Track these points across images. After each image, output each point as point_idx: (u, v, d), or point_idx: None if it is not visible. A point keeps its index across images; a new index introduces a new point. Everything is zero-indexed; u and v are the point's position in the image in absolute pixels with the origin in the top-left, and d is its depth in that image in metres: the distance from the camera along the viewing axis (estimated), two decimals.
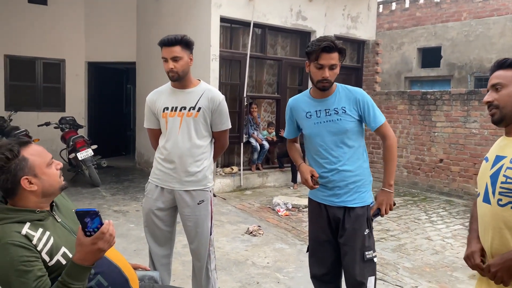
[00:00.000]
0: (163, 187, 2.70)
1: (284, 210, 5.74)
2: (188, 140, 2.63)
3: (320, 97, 2.45)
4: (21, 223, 1.57)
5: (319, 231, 2.56)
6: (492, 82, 1.67)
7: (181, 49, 2.55)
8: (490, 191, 1.62)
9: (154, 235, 2.77)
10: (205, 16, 6.55)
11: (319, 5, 7.58)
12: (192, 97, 2.64)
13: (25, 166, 1.59)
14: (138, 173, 8.51)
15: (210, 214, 2.76)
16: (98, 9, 9.20)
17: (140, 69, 8.96)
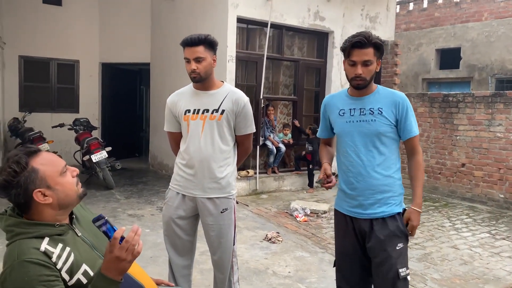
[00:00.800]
0: (185, 194, 2.56)
1: (302, 216, 5.57)
2: (211, 145, 2.49)
3: (357, 96, 2.30)
4: (39, 238, 1.44)
5: (346, 245, 2.38)
6: None
7: (204, 49, 2.41)
8: None
9: (174, 245, 2.63)
10: (222, 16, 6.42)
11: (337, 5, 7.41)
12: (215, 99, 2.50)
13: (35, 178, 1.45)
14: (152, 175, 8.42)
15: (234, 223, 2.62)
16: (112, 9, 9.13)
17: (155, 70, 8.87)
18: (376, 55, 2.18)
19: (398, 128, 2.27)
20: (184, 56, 2.43)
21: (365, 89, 2.26)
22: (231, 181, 2.57)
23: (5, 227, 1.47)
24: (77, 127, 7.46)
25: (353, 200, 2.30)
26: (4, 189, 1.43)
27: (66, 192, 1.52)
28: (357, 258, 2.37)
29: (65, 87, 9.23)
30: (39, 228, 1.46)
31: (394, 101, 2.24)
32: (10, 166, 1.43)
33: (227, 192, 2.56)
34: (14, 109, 8.54)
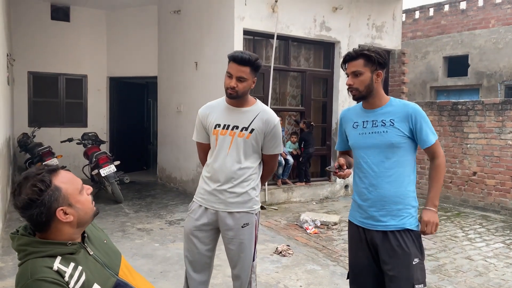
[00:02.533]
0: (207, 207, 2.56)
1: (312, 228, 5.51)
2: (237, 162, 2.50)
3: (369, 108, 2.32)
4: (51, 257, 1.43)
5: (359, 256, 2.36)
6: None
7: (250, 71, 2.43)
8: None
9: (193, 259, 2.62)
10: (228, 29, 6.45)
11: (343, 15, 7.42)
12: (246, 117, 2.51)
13: (59, 196, 1.46)
14: (160, 188, 8.40)
15: (255, 239, 2.59)
16: (119, 24, 9.23)
17: (162, 83, 8.92)
18: (367, 65, 2.22)
19: (415, 139, 2.27)
20: (228, 70, 2.43)
21: (374, 102, 2.29)
22: (253, 196, 2.56)
23: (17, 246, 1.46)
24: (85, 142, 7.50)
25: (366, 211, 2.30)
26: (27, 208, 1.43)
27: (85, 210, 1.53)
28: (371, 270, 2.33)
29: (74, 101, 9.31)
30: (51, 247, 1.45)
31: (406, 113, 2.25)
32: (35, 184, 1.43)
33: (249, 207, 2.54)
34: (24, 124, 8.61)
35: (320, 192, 7.43)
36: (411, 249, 2.21)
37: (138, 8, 8.98)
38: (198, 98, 7.27)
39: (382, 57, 2.24)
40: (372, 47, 2.27)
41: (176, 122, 8.23)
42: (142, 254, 4.52)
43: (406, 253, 2.20)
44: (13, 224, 5.43)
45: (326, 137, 7.74)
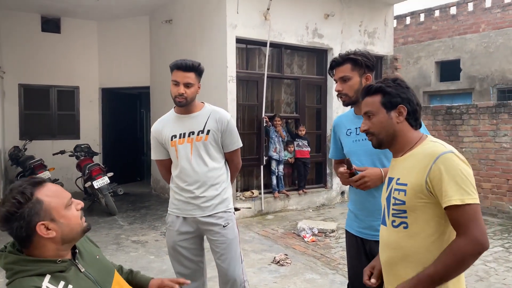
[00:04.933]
0: (185, 216, 2.55)
1: (310, 236, 5.44)
2: (203, 165, 2.51)
3: (360, 113, 2.23)
4: (40, 275, 1.36)
5: (359, 266, 2.26)
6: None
7: (195, 76, 2.48)
8: (386, 213, 1.68)
9: (184, 269, 2.60)
10: (221, 37, 6.42)
11: (335, 22, 7.43)
12: (199, 121, 2.53)
13: (40, 210, 1.38)
14: (155, 199, 8.30)
15: (238, 237, 2.62)
16: (110, 35, 9.18)
17: (154, 93, 8.86)
18: (355, 69, 2.18)
19: None
20: (173, 78, 2.46)
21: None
22: (227, 196, 2.60)
23: (4, 265, 1.39)
24: (78, 154, 7.40)
25: (363, 221, 2.24)
26: (6, 222, 1.36)
27: (71, 226, 1.45)
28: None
29: (66, 113, 9.21)
30: (40, 265, 1.38)
31: None
32: (14, 197, 1.36)
33: (225, 207, 2.58)
34: (15, 137, 8.49)
35: (317, 199, 7.37)
36: None
37: (130, 19, 8.94)
38: None
39: (370, 59, 2.20)
40: (359, 50, 2.24)
41: None
42: (138, 267, 4.42)
43: None
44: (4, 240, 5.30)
45: (321, 143, 7.70)
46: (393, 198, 1.62)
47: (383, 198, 1.73)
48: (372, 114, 1.69)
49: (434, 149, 1.55)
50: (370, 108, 1.69)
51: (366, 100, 1.72)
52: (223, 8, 6.37)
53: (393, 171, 1.69)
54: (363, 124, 1.73)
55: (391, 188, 1.65)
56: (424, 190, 1.52)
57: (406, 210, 1.57)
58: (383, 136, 1.68)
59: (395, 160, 1.71)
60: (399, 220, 1.60)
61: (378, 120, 1.67)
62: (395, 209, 1.61)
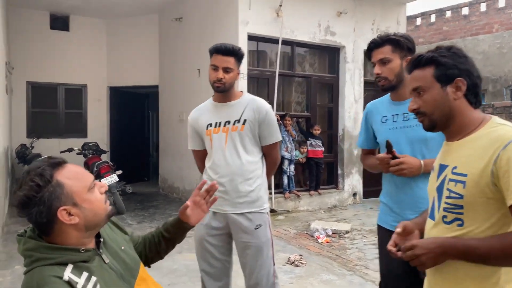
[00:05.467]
0: (215, 211, 2.39)
1: (324, 237, 5.30)
2: (237, 157, 2.36)
3: (398, 100, 2.11)
4: (61, 265, 1.23)
5: (393, 264, 2.10)
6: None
7: (235, 61, 2.35)
8: (436, 206, 1.44)
9: (210, 268, 2.44)
10: (232, 34, 6.31)
11: (347, 19, 7.31)
12: (236, 110, 2.40)
13: (61, 194, 1.25)
14: (163, 198, 8.18)
15: (271, 241, 2.42)
16: (119, 33, 9.10)
17: (163, 92, 8.76)
18: (395, 51, 2.03)
19: None
20: (212, 63, 2.34)
21: (404, 92, 2.06)
22: (261, 195, 2.41)
23: (23, 251, 1.27)
24: (86, 152, 7.30)
25: (399, 215, 2.07)
26: (24, 207, 1.23)
27: (94, 211, 1.31)
28: (406, 279, 2.09)
29: (73, 112, 9.12)
30: (62, 253, 1.25)
31: None
32: (32, 179, 1.22)
33: (259, 206, 2.39)
34: (22, 135, 8.40)
35: (328, 200, 7.23)
36: None
37: (139, 17, 8.86)
38: None
39: (411, 41, 2.07)
40: (398, 32, 2.10)
41: (178, 130, 8.04)
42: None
43: None
44: (11, 238, 5.20)
45: (333, 143, 7.56)
46: (447, 190, 1.37)
47: (431, 188, 1.50)
48: (423, 90, 1.42)
49: (502, 132, 1.30)
50: (420, 82, 1.42)
51: (415, 73, 1.44)
52: (235, 5, 6.27)
53: (447, 157, 1.44)
54: (412, 103, 1.48)
55: (445, 177, 1.41)
56: (489, 184, 1.27)
57: (463, 205, 1.33)
58: (437, 116, 1.42)
59: (449, 144, 1.46)
60: (453, 216, 1.36)
61: (431, 96, 1.41)
62: (448, 203, 1.36)
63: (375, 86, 7.79)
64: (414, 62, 1.47)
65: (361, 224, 6.09)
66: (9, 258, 4.48)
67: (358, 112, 7.54)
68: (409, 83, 1.48)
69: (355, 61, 7.46)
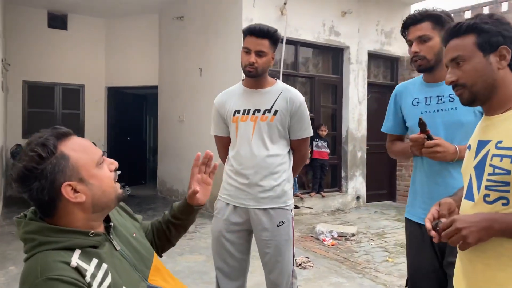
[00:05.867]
0: (236, 205, 2.22)
1: (330, 239, 5.12)
2: (264, 149, 2.18)
3: (433, 81, 1.94)
4: (68, 250, 1.05)
5: (423, 260, 1.97)
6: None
7: (269, 44, 2.17)
8: (474, 185, 1.31)
9: (226, 266, 2.26)
10: (236, 32, 6.17)
11: (351, 20, 7.20)
12: (268, 98, 2.21)
13: (66, 167, 1.08)
14: (161, 201, 7.99)
15: (292, 239, 2.25)
16: (118, 32, 8.95)
17: (163, 92, 8.60)
18: (435, 29, 1.87)
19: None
20: (245, 45, 2.17)
21: (440, 73, 1.90)
22: (286, 190, 2.24)
23: (23, 234, 1.09)
24: None
25: (430, 207, 1.91)
26: (24, 180, 1.06)
27: (103, 189, 1.15)
28: (436, 276, 1.95)
29: (70, 112, 8.92)
30: (69, 236, 1.08)
31: None
32: (33, 149, 1.06)
33: (283, 202, 2.22)
34: (17, 135, 8.19)
35: (331, 203, 7.06)
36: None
37: (138, 16, 8.72)
38: (203, 105, 6.95)
39: (452, 19, 1.92)
40: (436, 8, 1.94)
41: (178, 132, 7.88)
42: None
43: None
44: (5, 238, 4.99)
45: (336, 145, 7.41)
46: (490, 166, 1.25)
47: (468, 167, 1.38)
48: (463, 60, 1.30)
49: None
50: (460, 52, 1.30)
51: (454, 42, 1.33)
52: (239, 2, 6.14)
53: (489, 132, 1.31)
54: (449, 75, 1.34)
55: (486, 154, 1.28)
56: None
57: (510, 182, 1.21)
58: (478, 88, 1.29)
59: (490, 118, 1.34)
60: (497, 195, 1.23)
61: (473, 66, 1.29)
62: (492, 180, 1.24)
63: (378, 88, 7.70)
64: (452, 31, 1.35)
65: (366, 227, 5.93)
66: (2, 258, 4.28)
67: (361, 114, 7.40)
68: (446, 53, 1.36)
69: (359, 62, 7.34)
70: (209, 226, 5.85)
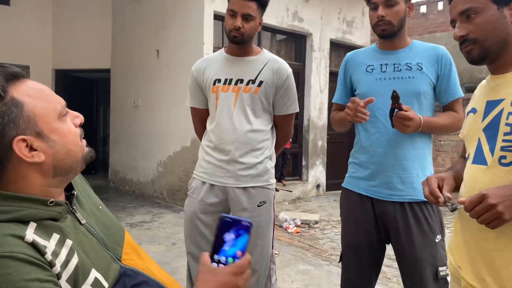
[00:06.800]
0: (213, 183, 2.01)
1: (293, 227, 5.01)
2: (247, 123, 1.98)
3: (388, 49, 1.86)
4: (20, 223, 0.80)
5: (360, 233, 1.87)
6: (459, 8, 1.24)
7: (257, 7, 1.94)
8: (486, 148, 1.21)
9: (199, 251, 2.03)
10: (196, 12, 5.88)
11: (315, 6, 7.09)
12: (252, 68, 2.00)
13: (18, 117, 0.83)
14: (114, 191, 7.55)
15: (273, 221, 2.06)
16: (67, 10, 8.33)
17: (116, 76, 8.11)
18: None
19: (437, 89, 1.83)
20: (230, 7, 1.93)
21: (398, 41, 1.84)
22: (269, 168, 2.05)
23: None
24: None
25: (377, 177, 1.81)
26: None
27: (68, 147, 0.90)
28: (373, 250, 1.88)
29: None
30: (21, 205, 0.82)
31: (435, 55, 1.83)
32: None
33: (265, 181, 2.02)
34: None
35: (293, 192, 6.96)
36: (434, 224, 1.78)
37: None
38: (160, 89, 6.61)
39: None
40: None
41: (132, 118, 7.46)
42: None
43: (430, 229, 1.76)
44: None
45: (298, 134, 7.31)
46: (506, 126, 1.16)
47: (473, 130, 1.28)
48: (474, 12, 1.20)
49: None
50: (472, 3, 1.19)
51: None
52: None
53: (500, 91, 1.22)
54: (458, 29, 1.23)
55: (499, 113, 1.19)
56: None
57: None
58: (491, 43, 1.20)
59: (501, 77, 1.24)
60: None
61: (486, 19, 1.19)
62: (509, 140, 1.15)
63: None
64: None
65: (328, 215, 5.87)
66: None
67: (323, 103, 7.35)
68: (454, 6, 1.24)
69: (322, 50, 7.27)
70: (168, 216, 5.57)
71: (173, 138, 6.35)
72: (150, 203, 6.36)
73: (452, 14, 1.27)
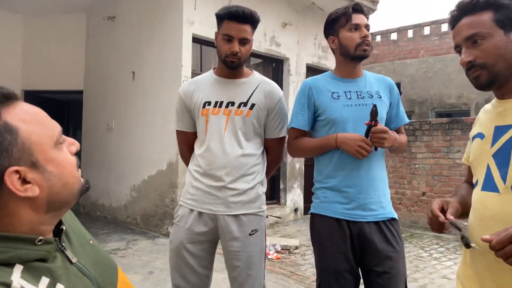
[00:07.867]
0: (202, 211, 1.90)
1: (274, 253, 4.90)
2: (238, 147, 1.92)
3: (348, 77, 1.94)
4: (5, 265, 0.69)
5: (339, 258, 1.84)
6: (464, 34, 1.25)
7: (251, 30, 1.93)
8: (496, 174, 1.19)
9: (186, 284, 1.92)
10: (174, 34, 5.83)
11: (291, 31, 7.19)
12: (244, 90, 1.96)
13: (12, 146, 0.74)
14: (84, 217, 7.23)
15: (265, 250, 1.95)
16: (40, 31, 8.12)
17: (89, 97, 7.91)
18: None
19: (388, 115, 1.98)
20: (225, 32, 1.88)
21: (356, 71, 1.94)
22: (260, 194, 1.97)
23: None
24: None
25: (353, 200, 1.84)
26: None
27: (65, 179, 0.81)
28: (351, 275, 1.87)
29: None
30: (6, 245, 0.72)
31: (388, 84, 2.00)
32: None
33: (257, 208, 1.95)
34: None
35: (271, 216, 6.86)
36: (401, 240, 1.89)
37: (63, 15, 7.98)
38: (135, 112, 6.47)
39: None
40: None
41: (106, 140, 7.25)
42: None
43: (401, 245, 1.86)
44: None
45: None
46: None
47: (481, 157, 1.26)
48: (481, 38, 1.19)
49: None
50: (478, 29, 1.20)
51: (468, 20, 1.22)
52: (180, 4, 5.81)
53: (508, 116, 1.21)
54: (465, 55, 1.23)
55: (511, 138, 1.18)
56: None
57: None
58: (500, 68, 1.19)
59: (508, 102, 1.23)
60: None
61: (494, 44, 1.18)
62: None
63: None
64: (465, 7, 1.23)
65: (307, 239, 5.78)
66: None
67: None
68: (459, 31, 1.24)
69: (298, 74, 7.34)
70: (142, 243, 5.35)
71: (148, 162, 6.19)
72: (124, 229, 6.12)
73: (457, 39, 1.26)
